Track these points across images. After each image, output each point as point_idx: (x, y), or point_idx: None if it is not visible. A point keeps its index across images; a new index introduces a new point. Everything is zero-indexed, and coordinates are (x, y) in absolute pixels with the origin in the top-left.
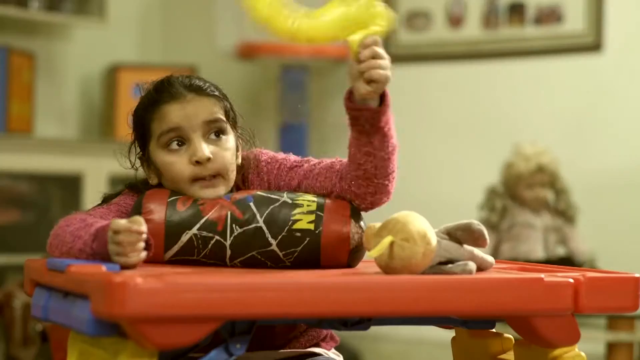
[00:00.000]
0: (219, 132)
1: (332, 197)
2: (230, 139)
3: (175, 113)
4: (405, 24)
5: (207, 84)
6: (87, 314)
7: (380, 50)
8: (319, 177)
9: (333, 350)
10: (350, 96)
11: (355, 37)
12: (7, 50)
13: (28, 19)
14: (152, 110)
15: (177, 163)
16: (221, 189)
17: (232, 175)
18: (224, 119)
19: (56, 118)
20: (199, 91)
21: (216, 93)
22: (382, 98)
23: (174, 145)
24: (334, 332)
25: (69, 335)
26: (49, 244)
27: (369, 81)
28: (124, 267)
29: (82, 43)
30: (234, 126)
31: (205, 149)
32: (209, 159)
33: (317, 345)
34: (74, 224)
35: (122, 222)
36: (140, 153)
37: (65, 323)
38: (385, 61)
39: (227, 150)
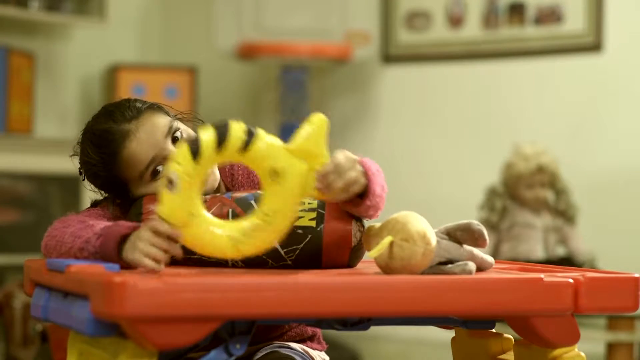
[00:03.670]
0: (179, 132)
1: None
2: (187, 131)
3: (139, 149)
4: (405, 24)
5: (131, 103)
6: (86, 314)
7: (336, 171)
8: None
9: (319, 353)
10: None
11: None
12: (7, 50)
13: (28, 19)
14: (114, 163)
15: None
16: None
17: None
18: (171, 118)
19: (56, 118)
20: (136, 116)
21: (146, 104)
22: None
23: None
24: (322, 338)
25: (68, 335)
26: (44, 245)
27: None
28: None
29: (82, 43)
30: (183, 119)
31: None
32: None
33: (302, 342)
34: (72, 224)
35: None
36: (118, 200)
37: (65, 323)
38: (348, 171)
39: None
